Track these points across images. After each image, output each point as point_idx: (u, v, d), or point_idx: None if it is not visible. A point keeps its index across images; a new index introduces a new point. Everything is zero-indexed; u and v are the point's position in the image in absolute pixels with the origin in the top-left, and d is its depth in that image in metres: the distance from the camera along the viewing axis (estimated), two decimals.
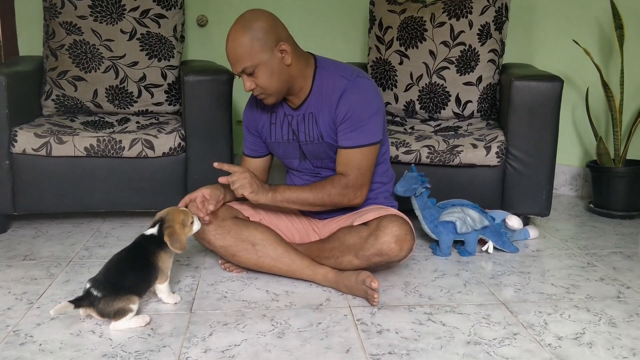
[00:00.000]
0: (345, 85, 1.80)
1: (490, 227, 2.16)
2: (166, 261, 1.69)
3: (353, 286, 1.79)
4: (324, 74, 1.85)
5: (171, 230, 1.67)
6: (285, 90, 1.83)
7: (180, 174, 2.43)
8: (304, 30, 3.12)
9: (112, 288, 1.57)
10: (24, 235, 2.38)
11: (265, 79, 1.77)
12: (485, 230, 2.16)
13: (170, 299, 1.74)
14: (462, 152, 2.33)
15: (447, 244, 2.14)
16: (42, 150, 2.30)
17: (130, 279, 1.62)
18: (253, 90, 1.81)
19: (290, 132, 1.92)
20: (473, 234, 2.14)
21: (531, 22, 3.01)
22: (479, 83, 2.62)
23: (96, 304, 1.56)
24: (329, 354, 1.48)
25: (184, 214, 1.74)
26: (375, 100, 1.84)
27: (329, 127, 1.85)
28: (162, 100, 2.71)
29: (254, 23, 1.73)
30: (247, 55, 1.73)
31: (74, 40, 2.66)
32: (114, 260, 1.66)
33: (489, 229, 2.16)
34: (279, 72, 1.77)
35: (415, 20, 2.71)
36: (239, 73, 1.78)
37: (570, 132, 3.05)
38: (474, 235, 2.14)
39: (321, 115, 1.85)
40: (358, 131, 1.81)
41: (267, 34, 1.74)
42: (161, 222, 1.70)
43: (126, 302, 1.58)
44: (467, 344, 1.53)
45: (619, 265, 2.09)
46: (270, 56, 1.75)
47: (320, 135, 1.87)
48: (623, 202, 2.68)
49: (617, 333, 1.59)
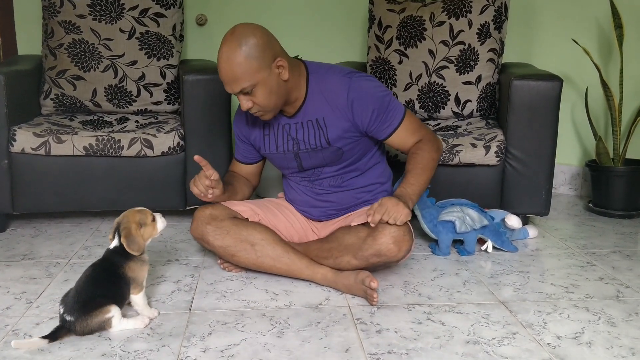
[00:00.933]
0: (349, 84, 1.80)
1: (489, 227, 2.16)
2: (136, 270, 1.60)
3: (352, 286, 1.78)
4: (319, 78, 1.83)
5: (126, 232, 1.59)
6: (282, 105, 1.81)
7: (179, 173, 2.43)
8: (303, 29, 3.13)
9: (83, 309, 1.52)
10: (23, 234, 2.38)
11: (264, 97, 1.72)
12: (485, 230, 2.16)
13: (145, 312, 1.64)
14: (461, 152, 2.33)
15: (446, 244, 2.14)
16: (41, 150, 2.30)
17: (100, 294, 1.55)
18: (250, 109, 1.76)
19: (290, 141, 1.89)
20: (472, 233, 2.14)
21: (531, 21, 3.01)
22: (478, 82, 2.62)
23: (73, 329, 1.52)
24: (328, 353, 1.48)
25: (140, 213, 1.64)
26: (382, 87, 1.87)
27: (346, 124, 1.83)
28: (161, 100, 2.71)
29: (249, 40, 1.67)
30: (244, 75, 1.67)
31: (73, 40, 2.65)
32: (82, 279, 1.58)
33: (488, 229, 2.16)
34: (277, 89, 1.74)
35: (415, 20, 2.71)
36: (236, 93, 1.73)
37: (570, 132, 3.05)
38: (473, 235, 2.14)
39: (329, 118, 1.83)
40: (390, 115, 1.84)
41: (264, 51, 1.69)
42: (119, 229, 1.61)
43: (101, 314, 1.53)
44: (467, 344, 1.53)
45: (618, 265, 2.09)
46: (269, 74, 1.70)
47: (326, 141, 1.85)
48: (622, 202, 2.68)
49: (617, 332, 1.59)
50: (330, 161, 1.90)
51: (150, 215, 1.66)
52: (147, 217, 1.65)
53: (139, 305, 1.63)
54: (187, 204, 2.47)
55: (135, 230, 1.60)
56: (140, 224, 1.63)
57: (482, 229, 2.16)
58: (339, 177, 1.94)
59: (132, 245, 1.58)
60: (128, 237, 1.58)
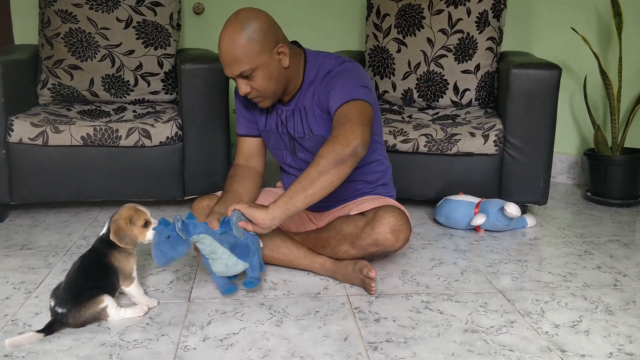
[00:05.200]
0: (332, 68, 1.77)
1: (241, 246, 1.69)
2: (122, 261, 1.58)
3: (350, 275, 1.79)
4: (315, 67, 1.81)
5: (115, 226, 1.56)
6: (281, 92, 1.79)
7: (177, 163, 2.42)
8: (301, 17, 3.11)
9: (74, 300, 1.51)
10: (21, 224, 2.37)
11: (263, 82, 1.70)
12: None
13: (143, 301, 1.63)
14: (460, 141, 2.33)
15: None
16: (39, 140, 2.29)
17: (91, 285, 1.54)
18: (248, 94, 1.74)
19: (282, 126, 1.89)
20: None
21: (529, 9, 3.00)
22: (477, 71, 2.61)
23: (65, 321, 1.51)
24: (326, 341, 1.48)
25: (134, 211, 1.59)
26: (362, 78, 1.75)
27: (318, 115, 1.80)
28: (158, 89, 2.70)
29: (252, 23, 1.65)
30: (245, 58, 1.65)
31: (70, 29, 2.64)
32: (72, 271, 1.57)
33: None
34: (277, 75, 1.72)
35: (413, 8, 2.70)
36: (235, 76, 1.71)
37: (568, 120, 3.05)
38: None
39: (311, 105, 1.81)
40: (344, 92, 1.68)
41: (267, 35, 1.67)
42: (110, 221, 1.59)
43: (94, 305, 1.53)
44: (465, 332, 1.53)
45: (616, 253, 2.10)
46: (269, 58, 1.68)
47: (309, 129, 1.83)
48: (620, 190, 2.69)
49: (614, 321, 1.60)
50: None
51: (143, 219, 1.59)
52: (140, 219, 1.59)
53: (135, 296, 1.63)
54: (185, 193, 2.46)
55: (125, 225, 1.57)
56: (131, 221, 1.58)
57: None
58: None
59: (123, 239, 1.56)
60: (118, 232, 1.56)
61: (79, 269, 1.57)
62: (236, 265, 1.63)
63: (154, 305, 1.66)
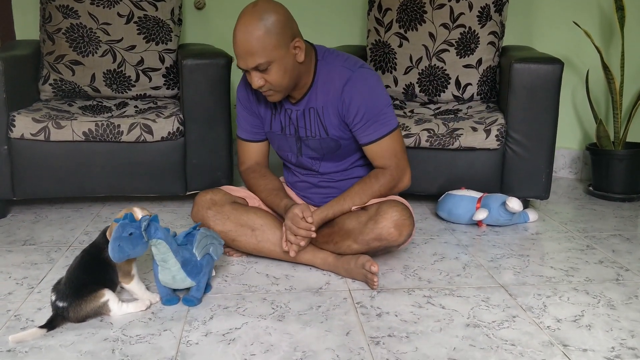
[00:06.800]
0: (349, 76, 1.75)
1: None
2: None
3: (353, 270, 1.79)
4: (327, 67, 1.79)
5: (112, 225, 1.54)
6: (293, 87, 1.77)
7: (179, 158, 2.42)
8: (302, 12, 3.09)
9: (75, 294, 1.51)
10: (24, 220, 2.38)
11: (278, 77, 1.68)
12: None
13: (145, 297, 1.63)
14: (461, 136, 2.33)
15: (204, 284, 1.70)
16: (41, 135, 2.29)
17: (91, 280, 1.55)
18: (261, 87, 1.72)
19: (292, 126, 1.87)
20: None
21: (531, 3, 2.98)
22: (478, 66, 2.61)
23: (66, 315, 1.51)
24: (329, 336, 1.49)
25: (134, 211, 1.56)
26: (384, 92, 1.81)
27: (336, 119, 1.81)
28: (160, 84, 2.70)
29: (270, 15, 1.63)
30: (262, 51, 1.63)
31: (71, 24, 2.63)
32: (73, 266, 1.57)
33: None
34: (291, 69, 1.70)
35: (415, 2, 2.69)
36: (250, 69, 1.68)
37: (570, 115, 3.04)
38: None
39: (326, 108, 1.81)
40: (378, 123, 1.78)
41: (284, 29, 1.65)
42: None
43: (95, 300, 1.53)
44: (467, 327, 1.54)
45: (618, 248, 2.10)
46: (286, 53, 1.66)
47: (325, 130, 1.83)
48: (622, 185, 2.69)
49: (616, 315, 1.60)
50: (328, 152, 1.88)
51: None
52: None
53: (136, 293, 1.63)
54: (187, 189, 2.47)
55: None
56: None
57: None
58: (344, 172, 1.94)
59: None
60: (112, 231, 1.55)
61: (80, 263, 1.58)
62: (183, 281, 1.62)
63: (156, 300, 1.66)
